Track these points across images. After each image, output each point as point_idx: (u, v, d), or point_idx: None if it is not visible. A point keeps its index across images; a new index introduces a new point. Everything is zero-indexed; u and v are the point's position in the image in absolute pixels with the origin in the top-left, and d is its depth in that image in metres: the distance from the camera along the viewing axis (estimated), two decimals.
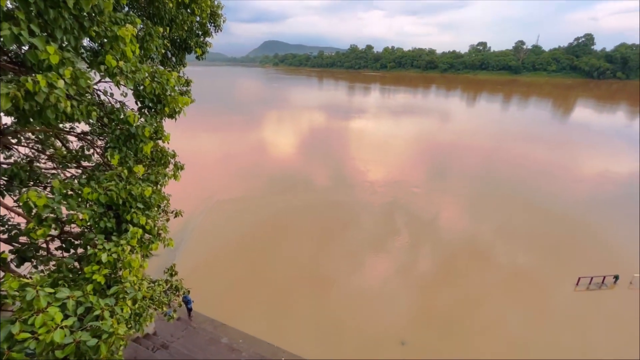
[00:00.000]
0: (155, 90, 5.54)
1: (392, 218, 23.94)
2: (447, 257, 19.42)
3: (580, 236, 21.76)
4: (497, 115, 74.45)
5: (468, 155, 40.12)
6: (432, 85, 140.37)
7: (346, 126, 56.75)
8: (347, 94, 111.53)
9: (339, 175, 32.57)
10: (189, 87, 11.79)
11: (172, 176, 7.43)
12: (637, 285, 16.81)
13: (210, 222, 23.20)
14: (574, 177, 32.84)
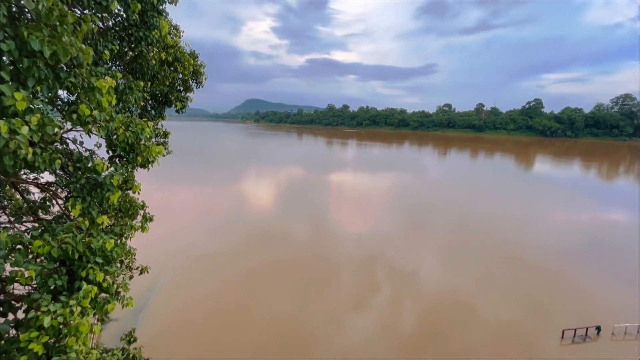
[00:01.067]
0: (129, 139, 5.46)
1: (373, 271, 23.32)
2: (431, 312, 18.70)
3: (556, 286, 21.86)
4: (468, 168, 78.83)
5: (443, 206, 41.26)
6: (405, 141, 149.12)
7: (325, 179, 57.80)
8: (326, 148, 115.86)
9: (318, 228, 32.17)
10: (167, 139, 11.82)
11: (139, 228, 7.00)
12: (620, 336, 16.63)
13: (180, 280, 21.56)
14: (543, 227, 34.09)
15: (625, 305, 19.28)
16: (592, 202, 45.60)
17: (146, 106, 10.25)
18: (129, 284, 6.08)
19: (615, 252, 28.01)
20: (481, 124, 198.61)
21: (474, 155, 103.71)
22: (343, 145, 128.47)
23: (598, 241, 30.45)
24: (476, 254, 26.64)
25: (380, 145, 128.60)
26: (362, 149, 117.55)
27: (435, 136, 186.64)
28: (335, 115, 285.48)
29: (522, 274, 23.35)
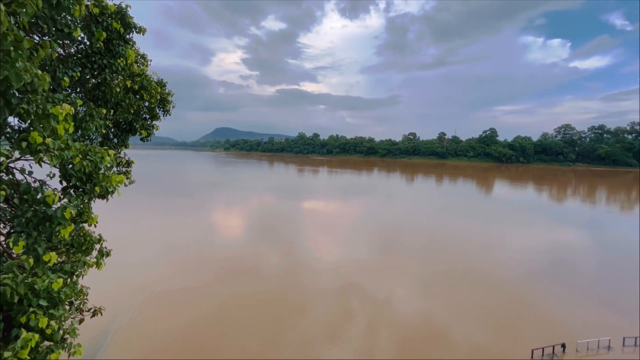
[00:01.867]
0: (86, 168, 5.13)
1: (347, 300, 22.84)
2: (405, 338, 18.43)
3: (521, 305, 22.56)
4: (434, 193, 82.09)
5: (413, 231, 42.22)
6: (374, 168, 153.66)
7: (298, 207, 57.41)
8: (297, 176, 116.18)
9: (291, 258, 31.39)
10: (130, 168, 11.29)
11: (93, 264, 6.42)
12: (583, 352, 17.27)
13: (141, 320, 19.75)
14: (506, 247, 35.69)
15: (583, 322, 20.22)
16: (547, 223, 48.79)
17: (108, 134, 9.84)
18: (78, 328, 5.45)
19: (571, 271, 29.76)
20: (444, 151, 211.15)
21: (439, 180, 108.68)
22: (314, 172, 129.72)
23: (555, 260, 32.27)
24: (446, 277, 27.11)
25: (351, 172, 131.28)
26: (334, 176, 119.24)
27: (402, 163, 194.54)
28: (306, 144, 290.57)
29: (489, 295, 23.96)
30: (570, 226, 47.40)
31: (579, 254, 34.75)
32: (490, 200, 73.87)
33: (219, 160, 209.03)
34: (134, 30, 7.99)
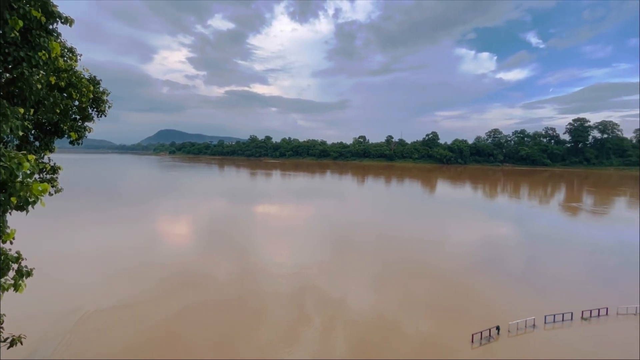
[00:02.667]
0: None
1: (303, 303, 22.82)
2: (360, 337, 18.96)
3: (463, 294, 24.58)
4: (384, 193, 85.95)
5: (365, 230, 43.72)
6: (327, 171, 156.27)
7: (252, 212, 56.04)
8: (250, 180, 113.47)
9: (245, 264, 30.46)
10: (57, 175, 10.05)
11: (9, 287, 5.56)
12: (514, 332, 19.34)
13: (74, 345, 17.58)
14: (448, 241, 38.67)
15: (515, 305, 22.62)
16: (483, 218, 53.94)
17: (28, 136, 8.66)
18: None
19: (503, 259, 33.22)
20: (392, 154, 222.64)
21: (388, 181, 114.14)
22: (268, 176, 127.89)
23: (490, 251, 35.80)
24: (396, 272, 28.52)
25: (304, 175, 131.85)
26: (287, 179, 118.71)
27: (353, 165, 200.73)
28: (258, 146, 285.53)
29: (435, 286, 25.71)
30: (501, 220, 52.96)
31: (509, 244, 38.93)
32: (434, 198, 79.50)
33: (163, 164, 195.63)
34: (58, 20, 7.15)
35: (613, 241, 40.43)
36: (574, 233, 45.39)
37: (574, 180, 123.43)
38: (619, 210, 64.65)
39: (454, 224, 48.69)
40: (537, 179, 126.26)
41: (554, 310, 20.93)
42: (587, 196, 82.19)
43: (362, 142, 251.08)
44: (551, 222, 52.06)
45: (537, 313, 20.70)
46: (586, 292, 24.75)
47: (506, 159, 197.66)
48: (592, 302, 22.25)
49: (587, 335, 19.45)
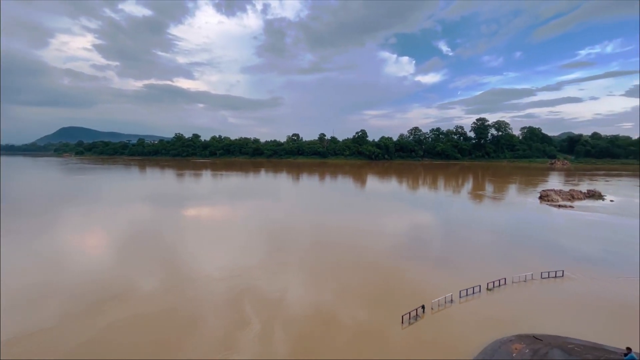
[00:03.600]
0: None
1: (240, 307, 22.09)
2: (300, 334, 19.17)
3: (392, 280, 26.62)
4: (319, 190, 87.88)
5: (301, 226, 44.20)
6: (261, 169, 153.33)
7: (181, 216, 51.98)
8: (177, 182, 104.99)
9: (176, 273, 28.14)
10: None
11: None
12: (436, 309, 21.67)
13: None
14: (379, 232, 41.40)
15: (436, 284, 25.26)
16: (408, 207, 59.06)
17: None
18: None
19: (426, 243, 36.89)
20: (325, 151, 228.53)
21: (322, 178, 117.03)
22: (197, 176, 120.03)
23: (415, 237, 39.41)
24: (333, 265, 29.50)
25: (238, 175, 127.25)
26: (220, 179, 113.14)
27: (288, 163, 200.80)
28: (185, 145, 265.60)
29: (368, 275, 27.33)
30: (422, 208, 58.67)
31: (429, 230, 43.38)
32: (365, 192, 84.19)
33: (69, 167, 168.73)
34: None
35: (508, 221, 48.10)
36: (480, 216, 52.66)
37: (479, 171, 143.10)
38: (511, 195, 77.03)
39: (382, 215, 52.27)
40: (450, 171, 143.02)
41: (466, 285, 24.01)
42: (489, 185, 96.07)
43: (296, 140, 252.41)
44: (462, 208, 59.61)
45: (454, 289, 23.51)
46: (490, 267, 28.91)
47: (425, 154, 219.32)
48: (494, 274, 26.11)
49: (491, 302, 22.81)
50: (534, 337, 17.22)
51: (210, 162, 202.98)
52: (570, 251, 33.90)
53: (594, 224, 46.34)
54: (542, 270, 27.05)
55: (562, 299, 23.47)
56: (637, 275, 27.16)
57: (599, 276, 27.10)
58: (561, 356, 15.26)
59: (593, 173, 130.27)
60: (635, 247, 34.94)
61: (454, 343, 17.94)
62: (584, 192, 70.26)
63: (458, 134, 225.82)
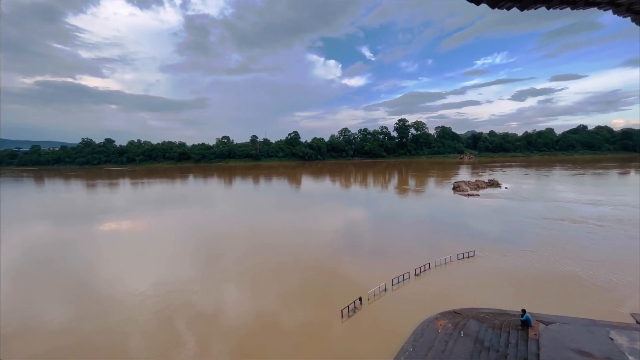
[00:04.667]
0: None
1: (172, 327, 20.28)
2: (241, 342, 18.44)
3: (330, 277, 27.39)
4: (254, 194, 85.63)
5: (236, 232, 42.52)
6: (189, 175, 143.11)
7: (95, 233, 45.43)
8: (89, 193, 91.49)
9: (88, 299, 24.48)
10: None
11: None
12: (372, 299, 22.93)
13: None
14: (314, 230, 42.14)
15: (371, 276, 26.67)
16: (343, 205, 61.34)
17: None
18: None
19: (360, 238, 38.76)
20: (258, 153, 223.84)
21: (256, 181, 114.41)
22: (113, 186, 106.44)
23: (350, 233, 41.10)
24: (270, 269, 29.06)
25: (162, 182, 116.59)
26: (141, 188, 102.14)
27: (219, 167, 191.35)
28: (96, 152, 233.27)
29: (306, 275, 27.62)
30: (355, 205, 61.60)
31: (362, 225, 45.74)
32: (301, 193, 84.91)
33: None
34: None
35: (429, 211, 53.46)
36: (405, 208, 57.47)
37: (402, 167, 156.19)
38: (430, 188, 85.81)
39: (318, 214, 53.39)
40: (378, 169, 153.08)
41: (397, 273, 25.94)
42: (411, 179, 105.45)
43: (227, 142, 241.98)
44: (390, 202, 64.33)
45: (387, 278, 25.19)
46: (416, 254, 31.67)
47: (355, 154, 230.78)
48: (420, 260, 28.73)
49: (419, 286, 25.06)
50: (455, 312, 19.44)
51: (129, 170, 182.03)
52: (478, 233, 39.18)
53: (494, 208, 54.39)
54: (458, 253, 30.73)
55: (475, 275, 26.98)
56: (530, 248, 32.73)
57: (501, 252, 31.90)
58: (476, 325, 17.52)
59: (492, 165, 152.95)
60: (526, 224, 42.09)
61: (389, 328, 19.21)
62: (486, 182, 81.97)
63: (383, 134, 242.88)
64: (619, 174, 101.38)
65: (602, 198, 58.64)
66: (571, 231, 38.89)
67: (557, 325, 16.06)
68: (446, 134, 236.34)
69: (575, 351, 13.84)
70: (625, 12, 4.14)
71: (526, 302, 19.06)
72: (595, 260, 29.24)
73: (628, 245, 33.10)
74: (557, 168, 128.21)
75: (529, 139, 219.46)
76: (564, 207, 52.02)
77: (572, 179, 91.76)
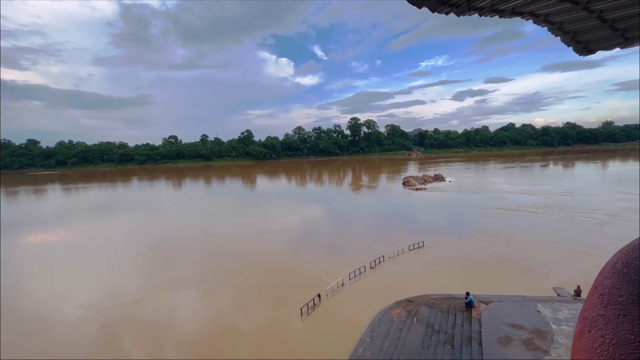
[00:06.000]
0: None
1: (118, 343, 18.63)
2: (197, 353, 17.56)
3: (287, 276, 27.28)
4: (205, 196, 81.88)
5: (187, 237, 40.35)
6: (132, 178, 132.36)
7: (17, 249, 39.83)
8: (6, 202, 79.85)
9: (24, 316, 21.45)
10: None
11: None
12: (331, 294, 23.31)
13: None
14: (274, 231, 41.65)
15: (329, 272, 27.04)
16: (297, 203, 61.34)
17: None
18: None
19: (316, 236, 39.14)
20: (209, 153, 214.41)
21: (207, 182, 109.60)
22: (39, 193, 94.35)
23: (307, 231, 41.28)
24: (225, 274, 28.10)
25: (100, 187, 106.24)
26: (74, 193, 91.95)
27: (166, 168, 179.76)
28: (17, 155, 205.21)
29: (264, 277, 27.18)
30: (311, 203, 62.02)
31: (318, 222, 46.25)
32: (256, 193, 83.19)
33: None
34: None
35: (381, 206, 55.78)
36: (359, 204, 59.31)
37: (356, 164, 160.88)
38: (382, 183, 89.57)
39: (274, 215, 52.78)
40: (332, 166, 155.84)
41: (354, 267, 26.66)
42: (365, 176, 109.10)
43: (174, 142, 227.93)
44: (344, 198, 65.90)
45: (344, 273, 25.76)
46: (371, 247, 32.82)
47: (310, 152, 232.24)
48: (375, 253, 29.84)
49: (375, 278, 26.06)
50: (407, 300, 20.56)
51: (58, 174, 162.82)
52: (426, 224, 41.86)
53: (439, 201, 58.53)
54: (409, 244, 32.52)
55: (424, 264, 28.79)
56: (473, 236, 35.79)
57: (446, 241, 34.43)
58: (427, 311, 18.72)
59: (437, 160, 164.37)
60: (469, 214, 45.96)
61: (347, 321, 19.69)
62: (432, 176, 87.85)
63: (337, 132, 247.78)
64: (541, 167, 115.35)
65: (530, 188, 66.31)
66: (507, 218, 43.34)
67: (495, 304, 17.80)
68: (396, 132, 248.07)
69: (510, 325, 15.47)
70: (542, 22, 4.66)
71: (470, 285, 20.81)
72: (528, 243, 32.96)
73: (556, 228, 37.85)
74: (492, 162, 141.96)
75: (468, 136, 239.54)
76: (501, 197, 57.78)
77: (505, 172, 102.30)
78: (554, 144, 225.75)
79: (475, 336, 15.27)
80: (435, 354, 14.82)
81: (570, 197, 55.20)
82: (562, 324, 15.19)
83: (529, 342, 13.98)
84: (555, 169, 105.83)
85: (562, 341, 13.80)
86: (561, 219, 41.18)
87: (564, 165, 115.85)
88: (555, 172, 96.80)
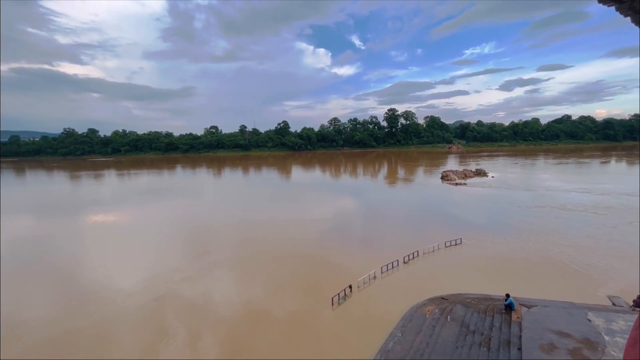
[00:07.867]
0: None
1: (161, 319, 20.24)
2: (231, 332, 18.57)
3: (320, 266, 27.64)
4: (244, 184, 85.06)
5: (226, 224, 42.32)
6: (177, 166, 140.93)
7: (81, 226, 44.51)
8: (73, 185, 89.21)
9: (73, 294, 24.14)
10: None
11: None
12: (362, 286, 23.30)
13: None
14: (308, 220, 42.27)
15: (361, 264, 26.97)
16: (333, 194, 61.54)
17: None
18: None
19: (351, 228, 39.10)
20: (247, 143, 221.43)
21: (246, 171, 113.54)
22: (98, 177, 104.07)
23: (341, 222, 41.38)
24: (260, 260, 29.14)
25: (149, 173, 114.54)
26: (127, 179, 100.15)
27: (207, 157, 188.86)
28: (79, 142, 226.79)
29: (297, 265, 27.81)
30: (346, 194, 61.91)
31: (353, 214, 46.11)
32: (291, 183, 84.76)
33: None
34: None
35: (417, 200, 54.18)
36: (394, 197, 58.10)
37: (392, 157, 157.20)
38: (419, 177, 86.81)
39: (309, 204, 53.49)
40: (368, 159, 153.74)
41: (387, 261, 26.35)
42: (401, 169, 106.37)
43: (215, 132, 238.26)
44: (379, 191, 64.87)
45: (377, 266, 25.57)
46: (405, 242, 32.15)
47: (345, 144, 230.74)
48: (409, 248, 29.19)
49: (408, 273, 25.58)
50: (442, 298, 19.96)
51: (114, 161, 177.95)
52: (465, 221, 40.01)
53: (481, 197, 55.51)
54: (446, 240, 31.36)
55: (461, 262, 27.66)
56: (516, 235, 33.66)
57: (487, 239, 32.71)
58: (462, 310, 18.06)
59: (479, 154, 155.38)
60: (512, 212, 43.18)
61: (378, 315, 19.62)
62: (474, 171, 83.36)
63: (373, 124, 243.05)
64: (601, 163, 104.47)
65: (589, 186, 60.43)
66: (562, 218, 40.08)
67: (538, 308, 16.69)
68: (435, 124, 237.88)
69: (554, 332, 14.44)
70: (609, 1, 4.16)
71: (510, 287, 19.69)
72: (584, 245, 30.31)
73: (621, 231, 34.39)
74: (542, 157, 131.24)
75: (515, 128, 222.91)
76: (552, 195, 53.46)
77: (557, 168, 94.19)
78: (618, 139, 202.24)
79: (515, 340, 14.48)
80: (470, 355, 14.30)
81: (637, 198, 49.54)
82: (616, 335, 13.87)
83: (576, 352, 12.97)
84: (619, 167, 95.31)
85: (615, 354, 12.62)
86: (632, 222, 37.08)
87: (629, 163, 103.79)
88: (618, 170, 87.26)
